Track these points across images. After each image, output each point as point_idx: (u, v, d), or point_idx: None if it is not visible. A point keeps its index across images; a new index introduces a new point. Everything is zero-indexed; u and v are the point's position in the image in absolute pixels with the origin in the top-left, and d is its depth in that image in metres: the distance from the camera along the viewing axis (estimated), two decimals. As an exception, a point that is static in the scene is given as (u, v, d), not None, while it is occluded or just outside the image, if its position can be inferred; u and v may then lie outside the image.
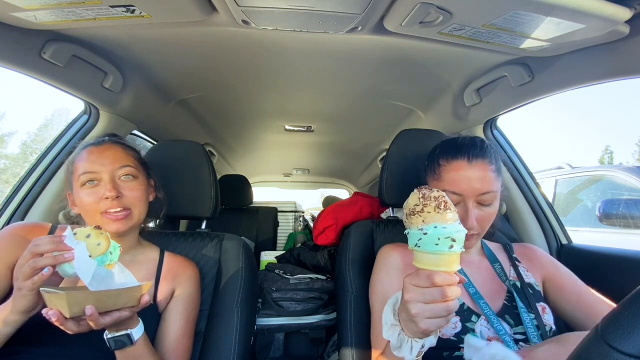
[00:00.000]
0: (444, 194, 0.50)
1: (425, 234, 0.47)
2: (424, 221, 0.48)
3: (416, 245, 0.48)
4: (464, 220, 0.67)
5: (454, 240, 0.46)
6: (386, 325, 0.51)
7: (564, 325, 0.79)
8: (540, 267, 0.80)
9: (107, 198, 0.69)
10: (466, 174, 0.69)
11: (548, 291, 0.77)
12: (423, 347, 0.49)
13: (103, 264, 0.55)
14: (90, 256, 0.53)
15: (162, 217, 0.90)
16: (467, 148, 0.71)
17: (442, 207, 0.48)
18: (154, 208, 0.85)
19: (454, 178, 0.70)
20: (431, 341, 0.50)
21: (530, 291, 0.73)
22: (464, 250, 0.47)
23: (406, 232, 0.51)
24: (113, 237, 0.59)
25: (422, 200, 0.49)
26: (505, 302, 0.72)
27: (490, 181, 0.69)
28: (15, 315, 0.54)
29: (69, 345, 0.64)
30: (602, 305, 0.70)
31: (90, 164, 0.70)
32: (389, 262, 0.78)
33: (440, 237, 0.46)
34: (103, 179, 0.71)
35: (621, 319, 0.28)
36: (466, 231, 0.49)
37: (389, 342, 0.56)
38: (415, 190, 0.51)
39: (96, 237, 0.55)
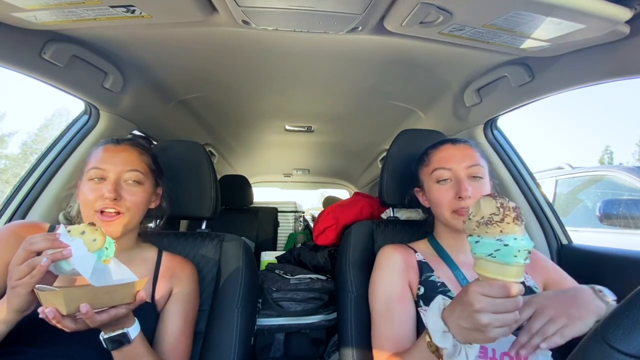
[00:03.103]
0: (516, 204, 0.50)
1: (506, 245, 0.46)
2: (501, 231, 0.47)
3: (490, 255, 0.46)
4: (457, 190, 0.73)
5: (529, 252, 0.46)
6: (437, 333, 0.50)
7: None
8: (541, 271, 0.79)
9: (106, 198, 0.69)
10: (452, 152, 0.77)
11: None
12: (478, 353, 0.50)
13: (100, 259, 0.55)
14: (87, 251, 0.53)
15: (160, 224, 0.90)
16: (452, 139, 0.82)
17: (519, 218, 0.47)
18: (153, 214, 0.86)
19: (442, 156, 0.78)
20: (478, 348, 0.50)
21: (531, 294, 0.72)
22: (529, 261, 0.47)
23: (473, 239, 0.49)
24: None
25: (501, 209, 0.47)
26: None
27: (476, 157, 0.77)
28: (10, 314, 0.54)
29: (65, 345, 0.64)
30: None
31: (101, 161, 0.72)
32: (390, 263, 0.78)
33: (520, 249, 0.45)
34: (108, 177, 0.72)
35: (621, 319, 0.28)
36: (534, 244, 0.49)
37: (415, 345, 0.57)
38: (489, 197, 0.49)
39: (91, 233, 0.55)
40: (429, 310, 0.54)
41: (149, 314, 0.73)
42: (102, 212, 0.70)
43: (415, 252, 0.81)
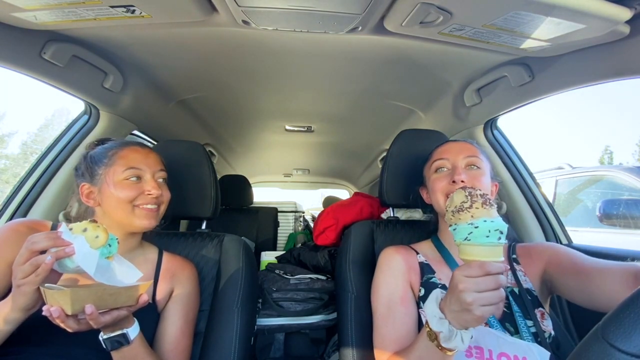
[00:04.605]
0: (484, 192, 0.55)
1: (477, 227, 0.50)
2: (472, 216, 0.52)
3: (465, 239, 0.51)
4: (452, 175, 0.75)
5: (501, 232, 0.50)
6: (434, 318, 0.53)
7: (560, 332, 0.78)
8: (538, 258, 0.76)
9: (150, 194, 0.75)
10: (452, 146, 0.82)
11: (552, 278, 0.72)
12: (471, 337, 0.52)
13: (103, 256, 0.55)
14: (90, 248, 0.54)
15: (164, 224, 0.91)
16: (454, 139, 0.86)
17: (488, 203, 0.52)
18: None
19: (442, 150, 0.82)
20: (472, 333, 0.52)
21: (529, 297, 0.72)
22: (507, 242, 0.51)
23: (452, 228, 0.54)
24: (119, 235, 0.59)
25: (469, 197, 0.53)
26: (505, 309, 0.70)
27: (475, 150, 0.79)
28: (15, 312, 0.54)
29: (64, 345, 0.64)
30: (611, 266, 0.64)
31: (135, 162, 0.76)
32: (392, 264, 0.78)
33: (490, 229, 0.50)
34: (145, 177, 0.77)
35: (622, 318, 0.28)
36: (507, 225, 0.52)
37: (417, 339, 0.59)
38: (459, 189, 0.57)
39: (93, 230, 0.55)
40: (428, 301, 0.56)
41: (149, 314, 0.73)
42: (141, 206, 0.74)
43: (417, 253, 0.81)
